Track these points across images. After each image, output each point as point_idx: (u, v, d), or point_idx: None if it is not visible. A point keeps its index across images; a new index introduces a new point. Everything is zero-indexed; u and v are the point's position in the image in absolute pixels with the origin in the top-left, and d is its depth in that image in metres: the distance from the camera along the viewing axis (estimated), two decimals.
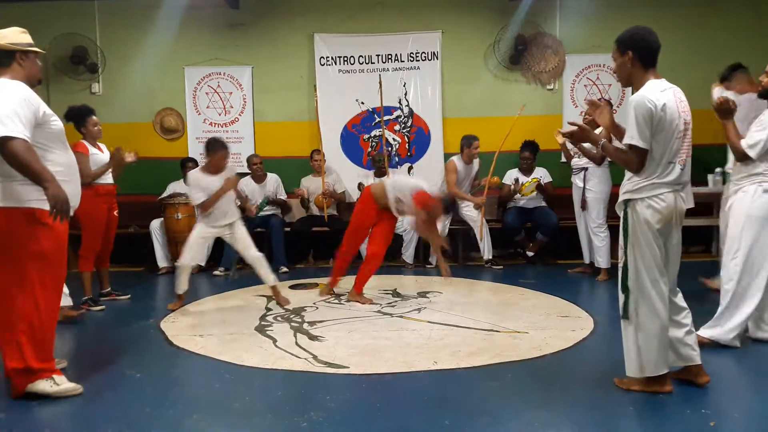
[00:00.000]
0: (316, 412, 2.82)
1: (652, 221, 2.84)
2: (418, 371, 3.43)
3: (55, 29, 7.52)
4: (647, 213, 2.84)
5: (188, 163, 7.29)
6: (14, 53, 3.08)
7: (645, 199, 2.85)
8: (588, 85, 7.74)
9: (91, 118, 5.15)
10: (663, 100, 2.79)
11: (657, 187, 2.84)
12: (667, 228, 2.89)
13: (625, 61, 2.92)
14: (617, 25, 7.68)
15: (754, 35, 7.44)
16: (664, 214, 2.85)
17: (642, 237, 2.86)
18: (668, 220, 2.87)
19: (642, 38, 2.88)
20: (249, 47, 7.83)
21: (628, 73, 2.94)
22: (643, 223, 2.85)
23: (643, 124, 2.78)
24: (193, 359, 3.75)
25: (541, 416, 2.79)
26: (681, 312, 3.03)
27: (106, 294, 5.43)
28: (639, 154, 2.82)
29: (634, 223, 2.88)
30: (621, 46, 2.92)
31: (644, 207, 2.85)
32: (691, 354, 3.02)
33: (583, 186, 5.97)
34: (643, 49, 2.88)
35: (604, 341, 4.04)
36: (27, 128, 2.91)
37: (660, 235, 2.88)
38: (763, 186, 3.59)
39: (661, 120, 2.78)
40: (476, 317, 4.60)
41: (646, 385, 2.99)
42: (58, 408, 2.95)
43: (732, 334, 3.63)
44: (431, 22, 7.72)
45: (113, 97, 7.76)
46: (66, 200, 2.93)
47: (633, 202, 2.89)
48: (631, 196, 2.89)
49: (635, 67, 2.90)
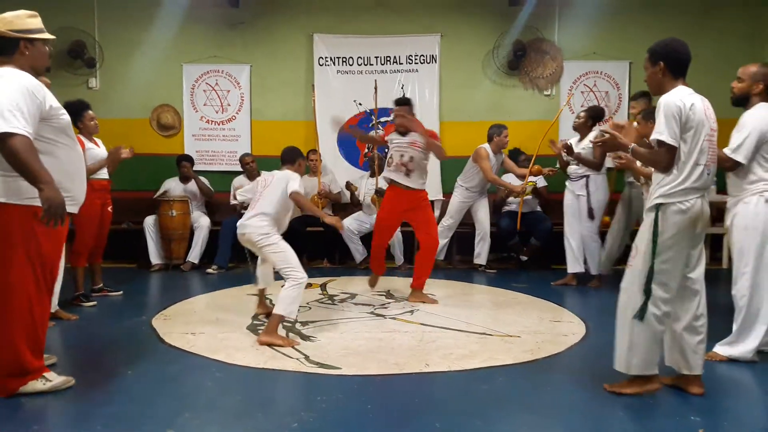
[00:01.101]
0: (307, 413, 2.82)
1: (681, 225, 2.89)
2: (410, 373, 3.42)
3: (53, 23, 7.39)
4: (677, 218, 2.89)
5: (184, 161, 7.28)
6: (18, 41, 2.94)
7: (676, 204, 2.89)
8: (585, 91, 7.77)
9: (87, 113, 5.13)
10: (692, 101, 2.87)
11: (688, 193, 2.88)
12: (694, 232, 2.94)
13: (656, 72, 2.99)
14: (615, 32, 7.82)
15: (749, 43, 7.51)
16: (692, 219, 2.89)
17: (669, 241, 2.90)
18: (696, 224, 2.92)
19: (674, 50, 2.96)
20: (248, 46, 7.84)
21: (659, 83, 3.01)
22: (673, 228, 2.89)
23: (672, 120, 2.84)
24: (184, 357, 3.73)
25: (532, 420, 2.79)
26: (699, 319, 3.03)
27: (98, 290, 5.41)
28: (668, 151, 2.87)
29: (663, 227, 2.91)
30: (653, 57, 3.00)
31: (674, 212, 2.89)
32: (698, 363, 3.03)
33: (587, 195, 5.80)
34: (675, 61, 2.96)
35: (596, 346, 4.05)
36: (29, 123, 2.77)
37: (686, 240, 2.92)
38: (765, 196, 3.55)
39: (689, 118, 2.85)
40: (469, 320, 4.60)
41: (635, 386, 3.02)
42: (48, 404, 2.93)
43: (752, 353, 3.57)
44: (430, 26, 7.74)
45: (110, 92, 7.75)
46: (61, 204, 2.77)
47: (664, 206, 2.91)
48: (663, 201, 2.91)
49: (666, 78, 2.98)
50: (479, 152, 6.49)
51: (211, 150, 7.90)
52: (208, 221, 7.09)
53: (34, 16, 3.04)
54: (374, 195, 6.98)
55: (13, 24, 2.94)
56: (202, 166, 7.74)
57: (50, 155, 2.95)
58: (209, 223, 7.09)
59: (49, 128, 2.97)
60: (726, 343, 3.66)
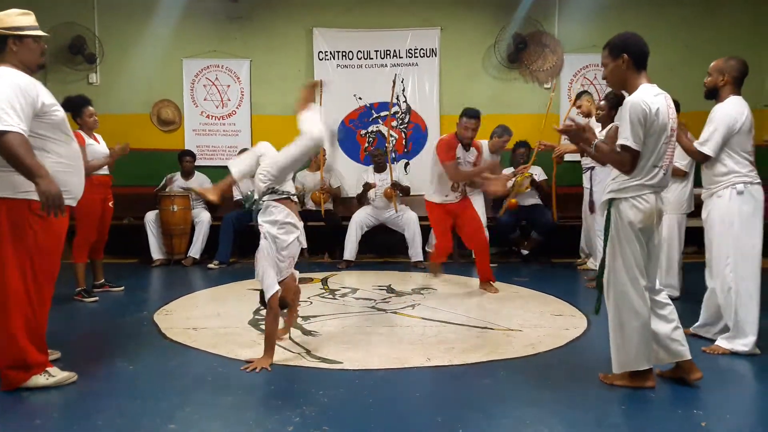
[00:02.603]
0: (308, 407, 2.82)
1: (634, 221, 2.92)
2: (412, 367, 3.43)
3: (53, 18, 7.47)
4: (630, 213, 2.92)
5: (186, 157, 7.28)
6: (6, 38, 2.95)
7: (629, 199, 2.93)
8: (585, 84, 7.75)
9: (87, 109, 5.13)
10: (657, 105, 2.86)
11: (641, 189, 2.92)
12: (649, 228, 2.97)
13: (619, 65, 2.98)
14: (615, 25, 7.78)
15: (750, 36, 7.49)
16: (646, 214, 2.92)
17: (624, 236, 2.94)
18: (650, 219, 2.95)
19: (635, 42, 2.97)
20: (248, 40, 7.82)
21: (622, 77, 3.00)
22: (626, 223, 2.93)
23: (637, 125, 2.85)
24: (186, 352, 3.74)
25: (533, 414, 2.79)
26: (665, 308, 3.06)
27: (99, 285, 5.42)
28: (632, 156, 2.89)
29: (616, 222, 2.96)
30: (615, 50, 2.99)
31: (628, 207, 2.93)
32: (680, 349, 3.04)
33: (590, 187, 5.71)
34: (637, 53, 2.96)
35: (598, 340, 4.04)
36: (23, 120, 2.79)
37: (642, 235, 2.95)
38: (737, 188, 3.61)
39: (653, 124, 2.86)
40: (470, 314, 4.61)
41: (628, 380, 3.05)
42: (49, 399, 2.94)
43: (752, 345, 3.58)
44: (430, 19, 7.72)
45: (111, 87, 7.74)
46: (58, 195, 2.80)
47: (617, 201, 2.96)
48: (615, 196, 2.97)
49: (630, 71, 2.97)
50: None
51: (212, 145, 7.89)
52: (208, 216, 7.09)
53: (25, 14, 3.04)
54: (388, 189, 6.89)
55: (2, 22, 2.97)
56: (202, 161, 7.73)
57: (46, 151, 2.98)
58: (210, 218, 7.09)
59: (44, 125, 3.00)
60: (726, 338, 3.66)
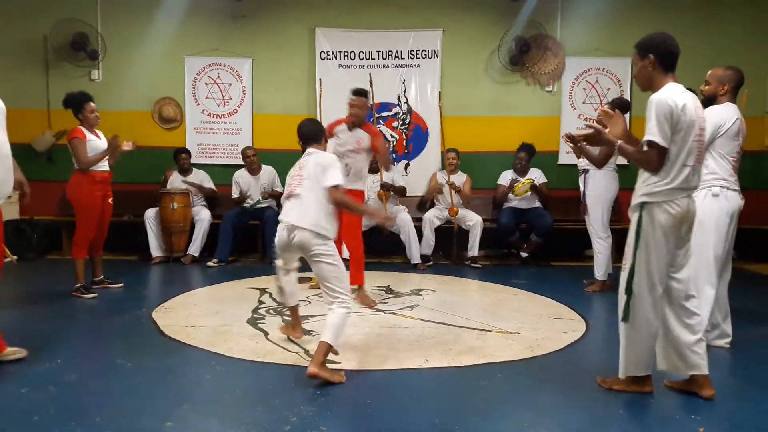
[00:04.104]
0: (306, 407, 2.82)
1: (666, 226, 2.85)
2: (409, 368, 3.43)
3: (56, 14, 7.49)
4: (662, 217, 2.85)
5: (182, 154, 7.27)
6: None
7: (662, 204, 2.85)
8: (587, 88, 7.75)
9: (88, 105, 5.13)
10: (683, 101, 2.82)
11: (674, 192, 2.84)
12: (680, 232, 2.90)
13: (645, 65, 2.94)
14: (617, 29, 7.79)
15: (752, 39, 7.50)
16: (678, 219, 2.86)
17: (653, 241, 2.87)
18: (682, 224, 2.88)
19: (663, 42, 2.91)
20: (250, 39, 7.82)
21: (648, 77, 2.96)
22: (658, 228, 2.85)
23: (663, 121, 2.80)
24: (184, 350, 3.74)
25: (531, 417, 2.79)
26: (693, 317, 2.98)
27: (98, 282, 5.42)
28: (659, 152, 2.82)
29: (647, 227, 2.87)
30: (642, 51, 2.95)
31: (660, 211, 2.85)
32: (699, 363, 2.97)
33: (583, 190, 5.66)
34: (664, 54, 2.91)
35: (596, 344, 4.06)
36: None
37: (672, 240, 2.88)
38: (713, 190, 3.65)
39: (680, 120, 2.80)
40: (468, 316, 4.61)
41: (626, 385, 3.04)
42: (47, 395, 2.94)
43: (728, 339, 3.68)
44: (432, 20, 7.72)
45: (113, 84, 7.74)
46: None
47: (649, 205, 2.88)
48: (647, 200, 2.88)
49: (656, 71, 2.93)
50: None
51: (213, 143, 7.88)
52: (208, 214, 7.10)
53: None
54: (380, 190, 6.90)
55: None
56: (203, 159, 7.74)
57: None
58: (210, 216, 7.09)
59: None
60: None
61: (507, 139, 7.50)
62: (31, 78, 7.67)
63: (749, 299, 5.22)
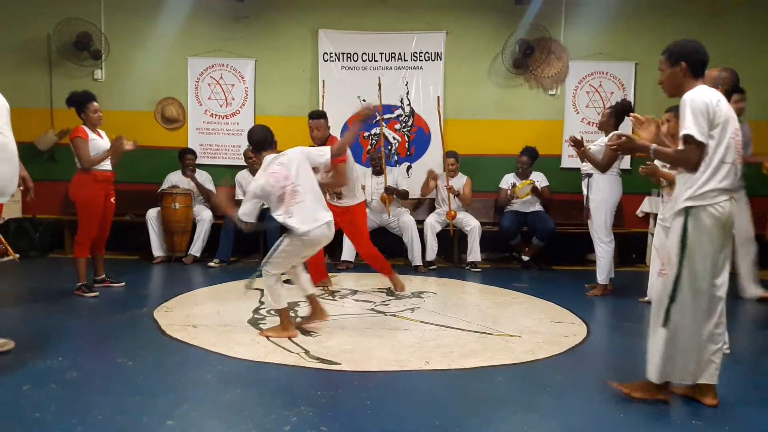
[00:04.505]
0: (306, 407, 2.82)
1: (712, 230, 2.79)
2: (410, 370, 3.43)
3: (59, 14, 7.51)
4: (708, 222, 2.79)
5: (188, 155, 7.29)
6: None
7: (707, 207, 2.79)
8: (590, 91, 7.75)
9: (91, 105, 5.14)
10: (717, 97, 2.80)
11: (718, 194, 2.78)
12: (724, 236, 2.85)
13: (676, 72, 2.92)
14: (621, 33, 7.80)
15: (755, 44, 7.49)
16: (722, 222, 2.80)
17: (700, 247, 2.80)
18: (725, 227, 2.83)
19: (695, 50, 2.91)
20: (253, 40, 7.83)
21: (678, 84, 2.94)
22: (704, 233, 2.79)
23: (699, 115, 2.76)
24: (185, 350, 3.74)
25: (531, 420, 2.79)
26: (719, 327, 2.93)
27: (100, 281, 5.43)
28: (698, 148, 2.77)
29: (693, 232, 2.80)
30: (673, 57, 2.93)
31: (706, 215, 2.79)
32: (714, 373, 2.95)
33: (586, 194, 5.61)
34: (697, 61, 2.90)
35: (597, 348, 4.06)
36: None
37: (717, 243, 2.82)
38: None
39: (716, 114, 2.77)
40: (469, 319, 4.61)
41: (647, 392, 2.97)
42: (49, 393, 2.95)
43: None
44: (436, 23, 7.73)
45: (116, 84, 7.75)
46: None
47: (695, 209, 2.81)
48: (692, 204, 2.81)
49: (686, 78, 2.91)
50: None
51: (215, 144, 7.89)
52: (210, 215, 7.10)
53: None
54: (383, 193, 6.87)
55: None
56: (205, 160, 7.75)
57: None
58: (212, 216, 7.10)
59: None
60: None
61: (509, 142, 7.51)
62: (35, 77, 7.68)
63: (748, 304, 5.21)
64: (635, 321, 4.64)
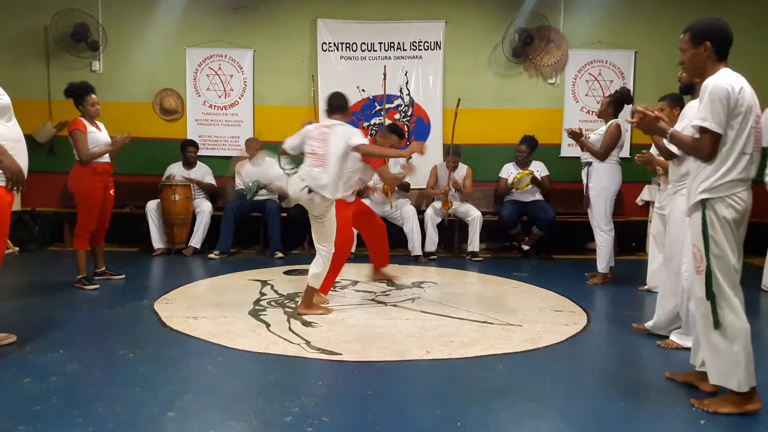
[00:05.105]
0: (307, 397, 2.83)
1: (732, 221, 2.67)
2: (411, 360, 3.43)
3: (56, 5, 7.47)
4: (728, 213, 2.66)
5: (189, 147, 7.28)
6: None
7: (725, 198, 2.66)
8: (590, 80, 7.73)
9: (90, 97, 5.12)
10: (740, 84, 2.66)
11: (736, 185, 2.66)
12: (743, 225, 2.74)
13: (700, 52, 2.75)
14: (621, 21, 7.77)
15: (756, 35, 7.44)
16: (741, 213, 2.70)
17: (725, 239, 2.67)
18: (745, 216, 2.73)
19: (720, 29, 2.73)
20: (251, 30, 7.80)
21: (702, 65, 2.77)
22: (725, 224, 2.67)
23: (718, 106, 2.61)
24: (186, 341, 3.74)
25: (532, 408, 2.80)
26: None
27: (100, 273, 5.42)
28: (712, 139, 2.64)
29: (714, 225, 2.68)
30: (697, 37, 2.74)
31: (724, 206, 2.67)
32: None
33: (586, 182, 5.60)
34: (722, 40, 2.73)
35: (598, 337, 4.06)
36: None
37: (738, 233, 2.72)
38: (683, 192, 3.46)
39: (738, 103, 2.62)
40: (470, 309, 4.61)
41: (737, 406, 2.72)
42: (50, 385, 2.95)
43: None
44: (435, 12, 7.69)
45: (113, 75, 7.72)
46: (20, 171, 2.98)
47: (712, 201, 2.68)
48: (709, 196, 2.68)
49: (710, 59, 2.74)
50: None
51: (214, 135, 7.87)
52: (210, 206, 7.10)
53: None
54: (385, 185, 6.85)
55: None
56: (204, 151, 7.72)
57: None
58: (211, 208, 7.10)
59: None
60: (678, 333, 3.68)
61: (509, 131, 7.49)
62: (32, 69, 7.65)
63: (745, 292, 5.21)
64: (635, 309, 4.65)
